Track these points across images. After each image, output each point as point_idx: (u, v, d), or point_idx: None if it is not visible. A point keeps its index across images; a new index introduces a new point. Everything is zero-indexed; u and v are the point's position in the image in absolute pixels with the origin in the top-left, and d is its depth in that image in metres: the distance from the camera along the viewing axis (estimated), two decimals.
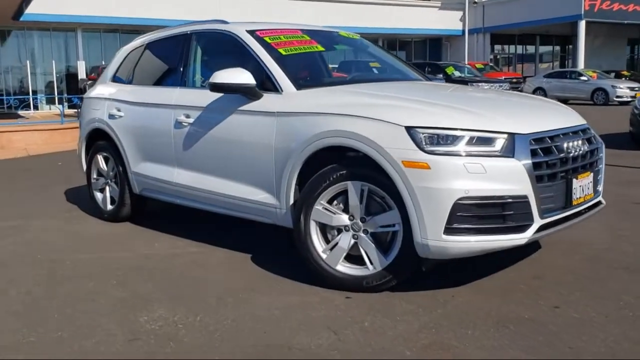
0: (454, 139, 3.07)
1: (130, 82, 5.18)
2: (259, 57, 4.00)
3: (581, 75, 23.85)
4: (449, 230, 3.02)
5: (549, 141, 3.26)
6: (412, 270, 3.33)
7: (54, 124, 12.71)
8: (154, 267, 3.97)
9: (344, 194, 3.42)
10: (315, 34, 4.53)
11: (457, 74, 21.15)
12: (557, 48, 34.86)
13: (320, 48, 4.43)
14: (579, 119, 3.74)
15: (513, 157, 3.06)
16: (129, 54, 5.32)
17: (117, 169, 5.11)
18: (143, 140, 4.79)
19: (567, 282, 3.50)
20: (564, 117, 3.61)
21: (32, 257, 4.26)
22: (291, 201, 3.65)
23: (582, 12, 26.14)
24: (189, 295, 3.43)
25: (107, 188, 5.32)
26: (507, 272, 3.70)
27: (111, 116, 5.07)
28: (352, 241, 3.40)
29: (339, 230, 3.44)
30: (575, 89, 23.15)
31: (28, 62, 23.49)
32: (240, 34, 4.21)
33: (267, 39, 4.17)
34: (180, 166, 4.45)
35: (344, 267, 3.42)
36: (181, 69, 4.59)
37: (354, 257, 3.42)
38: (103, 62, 23.10)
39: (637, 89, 22.88)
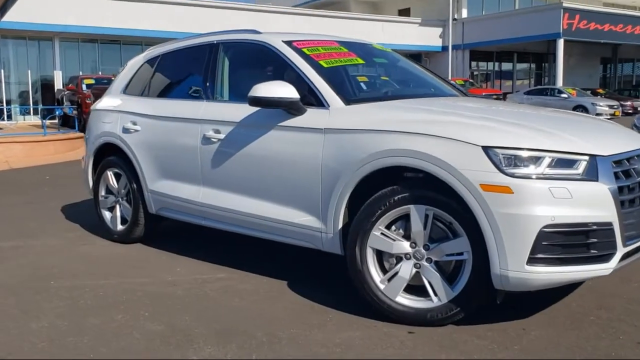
0: (535, 161, 2.83)
1: (146, 95, 4.84)
2: (300, 70, 3.72)
3: (561, 92, 24.13)
4: (532, 261, 2.77)
5: (627, 163, 3.04)
6: (480, 302, 3.07)
7: (36, 135, 12.20)
8: (184, 296, 3.64)
9: (403, 218, 3.15)
10: (352, 46, 4.28)
11: None
12: (533, 65, 35.31)
13: (361, 61, 4.17)
14: None
15: (597, 180, 2.84)
16: (143, 64, 4.99)
17: (130, 187, 4.76)
18: (163, 156, 4.45)
19: (637, 313, 3.28)
20: (631, 138, 3.40)
21: (45, 284, 3.88)
22: (340, 225, 3.37)
23: (561, 31, 26.49)
24: (234, 330, 3.11)
25: (118, 207, 4.95)
26: (567, 302, 3.47)
27: (125, 130, 4.72)
28: (414, 270, 3.12)
29: (399, 259, 3.16)
30: (556, 105, 23.33)
31: (2, 70, 22.75)
32: (277, 44, 3.93)
33: (305, 50, 3.90)
34: (208, 185, 4.12)
35: (404, 299, 3.14)
36: (207, 81, 4.27)
37: (414, 287, 3.15)
38: (81, 73, 22.53)
39: (615, 106, 23.23)
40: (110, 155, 4.98)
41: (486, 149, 2.85)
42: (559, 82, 27.32)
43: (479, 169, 2.83)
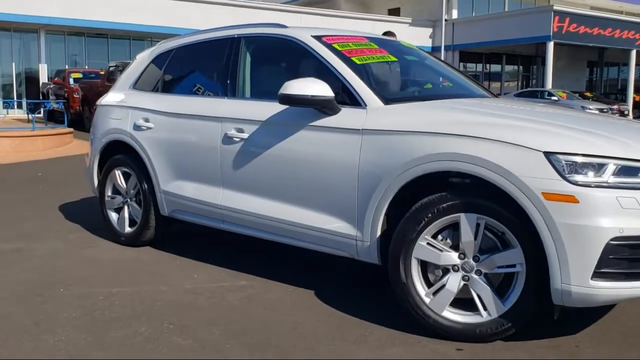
0: (599, 168, 2.64)
1: (158, 90, 4.58)
2: (333, 67, 3.50)
3: (552, 95, 24.12)
4: (597, 275, 2.58)
5: None
6: (531, 317, 2.88)
7: (24, 130, 11.80)
8: (208, 306, 3.40)
9: (450, 227, 2.95)
10: (382, 43, 4.07)
11: None
12: (521, 68, 35.41)
13: (393, 58, 3.96)
14: None
15: None
16: (154, 58, 4.72)
17: (140, 187, 4.50)
18: (178, 155, 4.21)
19: None
20: None
21: (54, 291, 3.62)
22: (378, 233, 3.16)
23: (551, 34, 26.49)
24: (268, 345, 2.88)
25: (126, 208, 4.69)
26: (615, 315, 3.29)
27: (137, 127, 4.46)
28: (462, 283, 2.92)
29: (445, 271, 2.96)
30: None
31: None
32: (306, 40, 3.70)
33: (336, 46, 3.68)
34: (229, 187, 3.89)
35: (451, 314, 2.94)
36: (228, 78, 4.03)
37: (461, 301, 2.95)
38: (67, 66, 22.04)
39: (605, 110, 23.28)
40: (118, 153, 4.72)
41: (548, 155, 2.65)
42: (548, 85, 27.36)
43: (541, 176, 2.64)
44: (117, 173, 4.70)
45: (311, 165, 3.41)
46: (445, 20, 30.45)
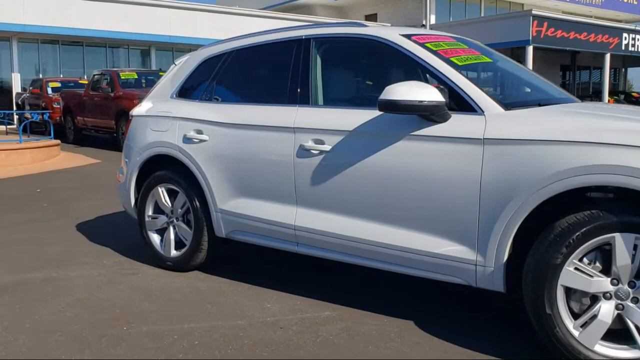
0: None
1: (208, 99, 4.12)
2: (436, 69, 3.12)
3: None
4: None
5: None
6: None
7: (11, 143, 11.09)
8: (305, 344, 2.97)
9: (597, 249, 2.59)
10: (468, 42, 3.71)
11: None
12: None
13: (487, 59, 3.60)
14: None
15: None
16: (201, 64, 4.25)
17: (191, 206, 4.04)
18: (240, 170, 3.77)
19: None
20: None
21: (117, 331, 3.15)
22: (505, 257, 2.78)
23: (530, 38, 26.64)
24: None
25: (171, 229, 4.22)
26: None
27: (187, 140, 4.00)
28: (616, 312, 2.56)
29: (594, 299, 2.60)
30: None
31: None
32: (396, 39, 3.31)
33: (430, 45, 3.30)
34: (306, 205, 3.47)
35: (604, 348, 2.57)
36: (298, 83, 3.60)
37: (611, 333, 2.59)
38: (41, 75, 21.20)
39: None
40: (160, 168, 4.25)
41: None
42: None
43: None
44: (161, 190, 4.22)
45: (417, 180, 3.01)
46: (423, 25, 30.39)
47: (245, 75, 4.09)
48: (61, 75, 21.66)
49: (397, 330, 3.13)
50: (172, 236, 4.21)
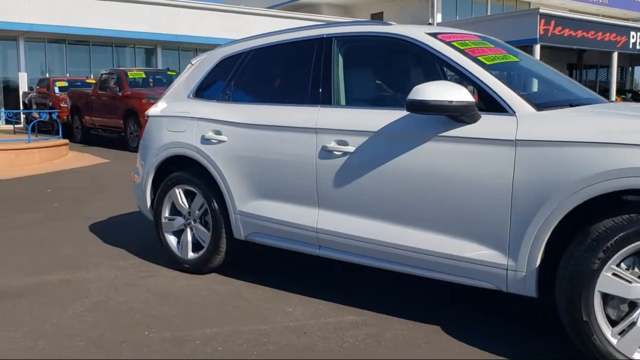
0: None
1: (227, 99, 4.05)
2: (464, 68, 3.05)
3: None
4: None
5: None
6: None
7: (20, 142, 11.05)
8: (331, 349, 2.90)
9: (636, 255, 2.51)
10: (494, 41, 3.63)
11: None
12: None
13: (514, 58, 3.53)
14: None
15: None
16: (218, 64, 4.18)
17: (209, 207, 3.97)
18: (259, 172, 3.70)
19: None
20: None
21: (138, 336, 3.08)
22: (537, 262, 2.71)
23: (538, 37, 26.51)
24: None
25: (189, 230, 4.15)
26: None
27: (205, 140, 3.94)
28: None
29: (632, 305, 2.52)
30: None
31: None
32: (422, 38, 3.24)
33: (456, 44, 3.23)
34: (329, 207, 3.40)
35: None
36: (320, 83, 3.53)
37: None
38: (47, 75, 21.19)
39: None
40: (177, 169, 4.18)
41: None
42: (534, 88, 27.34)
43: None
44: (178, 192, 4.16)
45: (445, 182, 2.94)
46: (430, 24, 30.30)
47: (264, 74, 4.03)
48: (68, 75, 21.65)
49: (423, 336, 3.06)
50: (190, 238, 4.15)
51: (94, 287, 3.89)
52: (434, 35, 3.27)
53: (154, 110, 4.45)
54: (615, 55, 30.62)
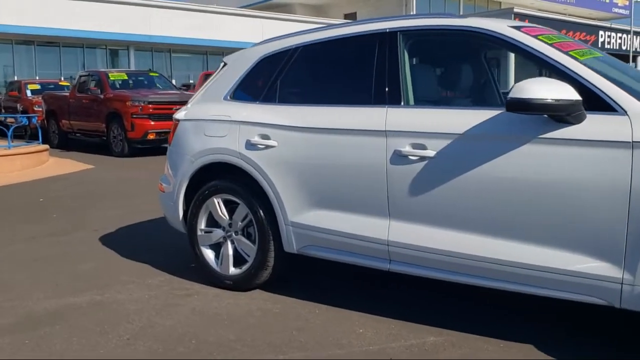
0: None
1: (273, 100, 3.71)
2: (561, 64, 2.79)
3: None
4: None
5: None
6: None
7: (0, 149, 10.45)
8: None
9: None
10: (567, 37, 3.38)
11: None
12: None
13: (598, 54, 3.29)
14: None
15: None
16: (260, 61, 3.84)
17: (255, 218, 3.64)
18: (317, 179, 3.38)
19: None
20: None
21: None
22: None
23: None
24: None
25: (229, 244, 3.81)
26: None
27: (251, 146, 3.60)
28: None
29: None
30: None
31: None
32: (508, 32, 2.97)
33: (543, 38, 2.97)
34: (402, 218, 3.10)
35: None
36: (386, 81, 3.23)
37: None
38: (16, 77, 20.39)
39: None
40: (214, 177, 3.83)
41: None
42: (510, 86, 27.56)
43: None
44: (217, 201, 3.81)
45: (548, 189, 2.68)
46: None
47: (316, 73, 3.70)
48: (37, 77, 20.87)
49: (520, 355, 2.79)
50: (231, 252, 3.80)
51: (131, 310, 3.52)
52: (518, 28, 3.01)
53: (185, 114, 4.08)
54: None
